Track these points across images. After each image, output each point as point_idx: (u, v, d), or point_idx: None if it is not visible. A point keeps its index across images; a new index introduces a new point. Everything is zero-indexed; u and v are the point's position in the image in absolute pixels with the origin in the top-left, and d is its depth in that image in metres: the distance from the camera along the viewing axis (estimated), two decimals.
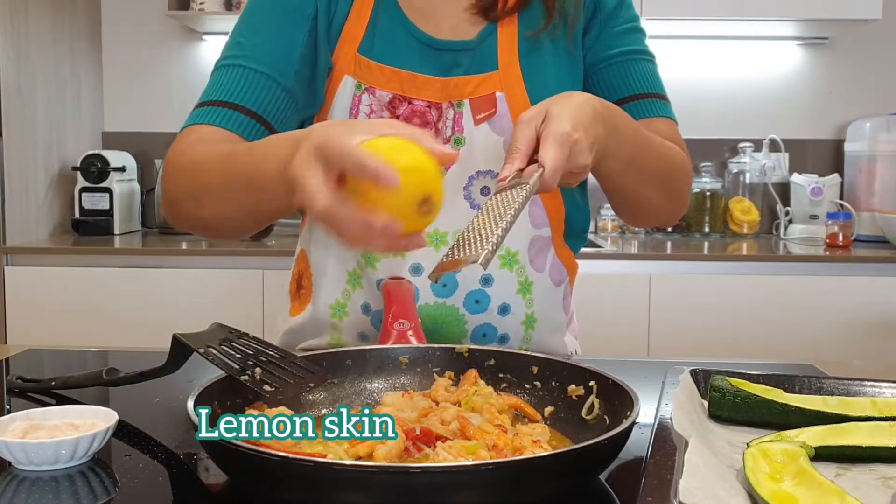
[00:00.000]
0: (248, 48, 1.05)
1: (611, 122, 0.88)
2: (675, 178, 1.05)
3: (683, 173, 1.07)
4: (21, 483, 0.67)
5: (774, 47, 3.01)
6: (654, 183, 1.02)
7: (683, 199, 1.10)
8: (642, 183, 1.01)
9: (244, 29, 1.07)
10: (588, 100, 0.85)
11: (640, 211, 1.09)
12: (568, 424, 0.79)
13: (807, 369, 1.04)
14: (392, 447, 0.65)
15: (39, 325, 2.42)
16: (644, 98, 1.09)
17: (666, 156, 1.03)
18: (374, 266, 1.07)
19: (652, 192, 1.03)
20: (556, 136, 0.79)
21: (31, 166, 2.63)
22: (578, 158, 0.81)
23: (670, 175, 1.04)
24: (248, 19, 1.08)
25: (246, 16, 1.09)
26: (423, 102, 1.05)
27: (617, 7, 1.10)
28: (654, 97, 1.09)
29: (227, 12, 2.77)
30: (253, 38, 1.05)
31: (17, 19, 2.52)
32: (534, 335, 1.12)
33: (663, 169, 1.02)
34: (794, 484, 0.60)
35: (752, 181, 2.94)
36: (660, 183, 1.03)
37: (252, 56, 1.04)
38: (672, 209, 1.10)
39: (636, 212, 1.10)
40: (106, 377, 0.87)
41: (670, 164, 1.04)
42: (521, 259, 1.08)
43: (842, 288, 2.39)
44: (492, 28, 1.07)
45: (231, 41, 1.07)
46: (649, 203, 1.05)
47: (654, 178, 1.02)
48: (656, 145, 1.01)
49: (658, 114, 1.09)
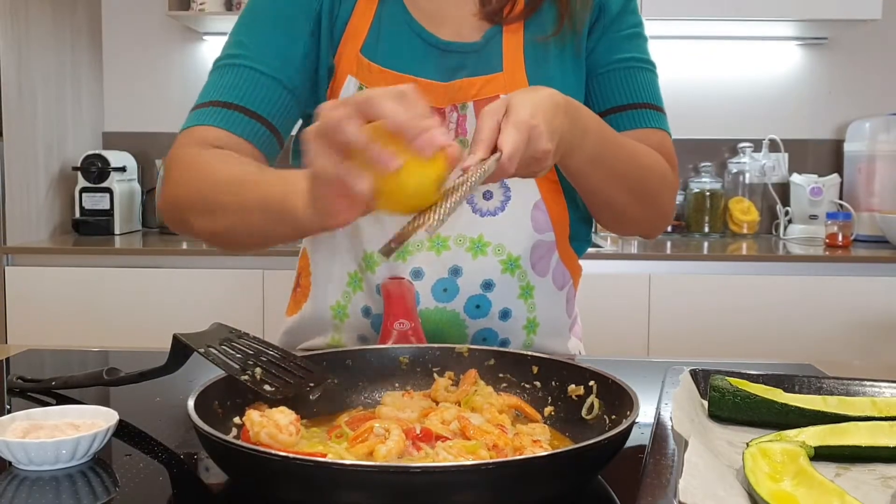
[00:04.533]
0: (251, 47, 1.04)
1: (573, 114, 0.87)
2: (652, 184, 1.04)
3: (662, 181, 1.05)
4: (21, 483, 0.67)
5: (774, 47, 3.01)
6: (624, 185, 1.01)
7: (664, 208, 1.08)
8: (611, 184, 0.99)
9: (245, 28, 1.06)
10: (550, 93, 0.85)
11: (615, 216, 1.07)
12: (568, 424, 0.79)
13: (807, 369, 1.04)
14: (392, 447, 0.65)
15: (39, 325, 2.43)
16: (641, 108, 1.08)
17: (640, 161, 1.02)
18: (374, 270, 1.07)
19: (622, 195, 1.02)
20: (514, 122, 0.79)
21: (31, 166, 2.63)
22: (539, 144, 0.81)
23: (644, 180, 1.03)
24: (250, 18, 1.07)
25: (247, 15, 1.07)
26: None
27: (622, 11, 1.09)
28: (651, 108, 1.09)
29: (227, 12, 2.77)
30: (255, 38, 1.04)
31: (17, 19, 2.52)
32: (535, 339, 1.12)
33: (636, 172, 1.01)
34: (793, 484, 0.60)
35: (751, 181, 2.94)
36: (631, 186, 1.02)
37: (254, 56, 1.03)
38: (650, 218, 1.08)
39: (611, 216, 1.08)
40: (106, 377, 0.87)
41: (645, 170, 1.02)
42: (522, 264, 1.08)
43: (842, 288, 2.39)
44: (497, 29, 1.07)
45: (232, 40, 1.06)
46: (621, 207, 1.04)
47: (625, 180, 1.00)
48: (627, 147, 1.00)
49: (653, 125, 1.08)
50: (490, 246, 1.06)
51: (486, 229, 1.06)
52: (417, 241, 1.06)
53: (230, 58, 1.04)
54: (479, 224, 1.06)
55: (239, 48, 1.04)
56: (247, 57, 1.03)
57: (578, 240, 1.14)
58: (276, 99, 1.03)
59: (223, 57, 1.05)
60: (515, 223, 1.06)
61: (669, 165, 1.07)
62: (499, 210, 1.06)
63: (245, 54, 1.03)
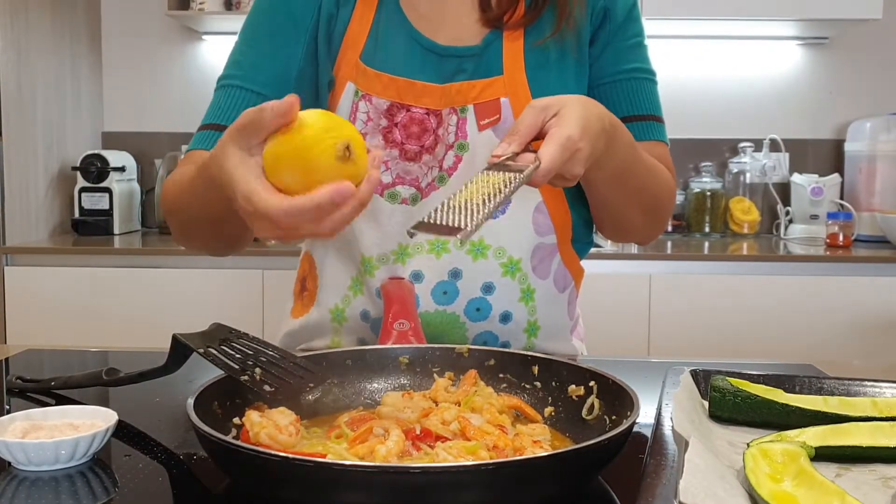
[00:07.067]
0: (246, 67, 1.06)
1: (612, 136, 0.88)
2: (661, 201, 1.06)
3: (669, 196, 1.08)
4: (21, 483, 0.66)
5: (774, 47, 3.01)
6: (637, 201, 1.03)
7: (664, 222, 1.12)
8: (626, 199, 1.02)
9: (242, 45, 1.08)
10: (601, 114, 0.85)
11: (619, 225, 1.10)
12: (568, 424, 0.79)
13: (807, 369, 1.04)
14: (392, 447, 0.65)
15: (39, 325, 2.42)
16: (643, 120, 1.09)
17: (657, 179, 1.04)
18: (373, 274, 1.07)
19: (633, 209, 1.04)
20: (561, 139, 0.78)
21: (31, 166, 2.63)
22: (575, 167, 0.81)
23: (656, 196, 1.05)
24: (246, 35, 1.09)
25: (244, 31, 1.09)
26: (422, 109, 1.04)
27: (627, 20, 1.09)
28: (652, 119, 1.10)
29: (227, 12, 2.77)
30: (250, 57, 1.06)
31: (17, 19, 2.52)
32: (536, 342, 1.11)
33: (650, 190, 1.03)
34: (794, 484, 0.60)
35: (752, 181, 2.94)
36: (643, 202, 1.04)
37: (249, 76, 1.05)
38: (650, 230, 1.11)
39: (615, 226, 1.10)
40: (106, 377, 0.87)
41: (657, 187, 1.04)
42: (523, 267, 1.08)
43: (842, 288, 2.39)
44: (496, 34, 1.06)
45: (231, 58, 1.08)
46: (629, 221, 1.07)
47: (639, 195, 1.03)
48: (646, 164, 1.01)
49: (654, 137, 1.09)
50: (491, 249, 1.06)
51: (486, 232, 1.06)
52: (417, 244, 1.06)
53: (227, 78, 1.07)
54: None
55: (235, 68, 1.07)
56: (242, 77, 1.05)
57: (580, 242, 1.14)
58: None
59: (222, 77, 1.08)
60: (516, 226, 1.06)
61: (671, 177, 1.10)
62: (500, 213, 1.06)
63: (240, 74, 1.06)
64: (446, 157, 1.05)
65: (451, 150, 1.05)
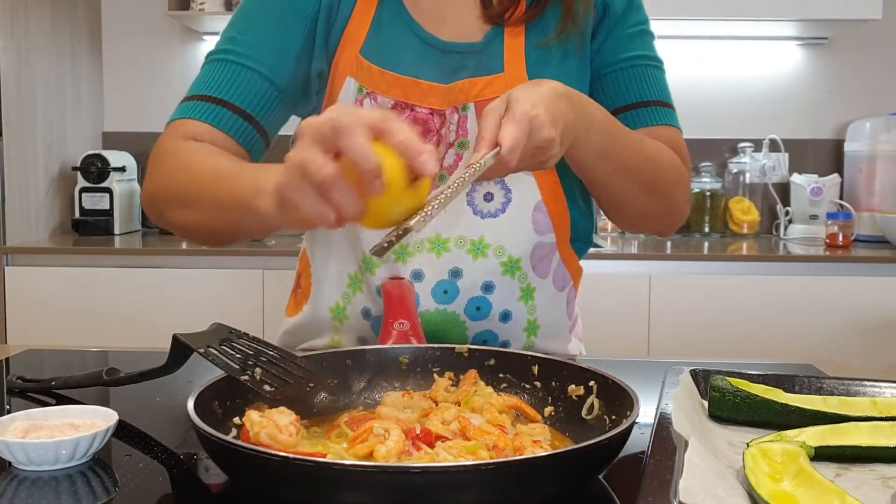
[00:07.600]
0: (243, 44, 1.03)
1: (577, 102, 0.87)
2: (663, 178, 1.04)
3: (674, 174, 1.05)
4: (21, 483, 0.67)
5: (774, 47, 3.01)
6: (634, 179, 1.01)
7: (677, 202, 1.08)
8: (621, 177, 0.99)
9: (240, 24, 1.06)
10: (552, 85, 0.85)
11: (627, 211, 1.07)
12: (568, 424, 0.79)
13: (807, 369, 1.04)
14: (392, 447, 0.65)
15: (39, 325, 2.42)
16: (651, 105, 1.08)
17: (650, 154, 1.02)
18: (373, 272, 1.07)
19: (633, 188, 1.02)
20: (515, 115, 0.79)
21: (31, 166, 2.63)
22: (541, 132, 0.81)
23: (655, 173, 1.03)
24: (245, 15, 1.07)
25: (243, 11, 1.07)
26: (426, 110, 1.04)
27: (627, 10, 1.08)
28: (660, 105, 1.08)
29: (227, 12, 2.77)
30: (249, 35, 1.04)
31: (17, 19, 2.52)
32: (536, 341, 1.11)
33: (646, 165, 1.01)
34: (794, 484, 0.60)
35: (752, 181, 2.94)
36: (642, 180, 1.01)
37: (246, 53, 1.03)
38: (663, 213, 1.08)
39: (623, 212, 1.08)
40: (106, 377, 0.87)
41: (655, 163, 1.02)
42: (523, 266, 1.08)
43: (842, 288, 2.39)
44: (498, 31, 1.06)
45: (226, 35, 1.06)
46: (633, 202, 1.04)
47: (635, 173, 1.00)
48: (635, 140, 1.00)
49: (663, 122, 1.08)
50: (490, 248, 1.06)
51: (486, 231, 1.06)
52: (417, 243, 1.06)
53: (221, 52, 1.04)
54: (479, 226, 1.06)
55: (231, 44, 1.04)
56: (238, 53, 1.03)
57: (580, 241, 1.14)
58: (263, 96, 1.02)
59: (216, 51, 1.05)
60: (516, 225, 1.06)
61: (681, 160, 1.07)
62: (499, 212, 1.06)
63: (236, 50, 1.03)
64: (447, 156, 1.05)
65: (452, 149, 1.05)
